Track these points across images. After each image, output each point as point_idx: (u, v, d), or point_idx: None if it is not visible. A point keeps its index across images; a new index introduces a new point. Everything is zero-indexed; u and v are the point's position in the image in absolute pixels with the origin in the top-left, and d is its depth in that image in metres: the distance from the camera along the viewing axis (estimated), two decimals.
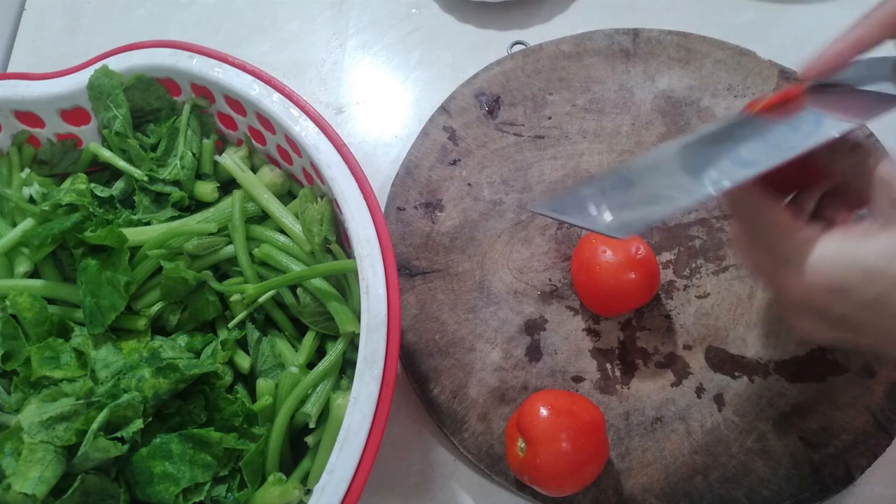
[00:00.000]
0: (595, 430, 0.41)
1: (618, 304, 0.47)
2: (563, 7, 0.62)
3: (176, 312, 0.43)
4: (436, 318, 0.49)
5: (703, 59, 0.56)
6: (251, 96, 0.43)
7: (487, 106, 0.56)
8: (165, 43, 0.45)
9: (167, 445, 0.37)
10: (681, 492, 0.43)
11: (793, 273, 0.32)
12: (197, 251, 0.44)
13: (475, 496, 0.46)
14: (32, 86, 0.45)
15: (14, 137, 0.48)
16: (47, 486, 0.35)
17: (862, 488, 0.44)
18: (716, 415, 0.45)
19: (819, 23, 0.59)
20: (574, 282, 0.49)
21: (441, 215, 0.53)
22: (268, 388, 0.42)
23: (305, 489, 0.40)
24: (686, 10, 0.61)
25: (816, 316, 0.32)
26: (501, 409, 0.47)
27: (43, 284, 0.43)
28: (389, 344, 0.36)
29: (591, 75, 0.56)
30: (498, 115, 0.56)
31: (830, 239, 0.31)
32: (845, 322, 0.32)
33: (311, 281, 0.42)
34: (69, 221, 0.41)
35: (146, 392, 0.37)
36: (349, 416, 0.35)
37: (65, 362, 0.40)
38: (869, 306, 0.30)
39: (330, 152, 0.41)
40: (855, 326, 0.32)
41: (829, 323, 0.32)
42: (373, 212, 0.39)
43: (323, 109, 0.59)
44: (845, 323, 0.32)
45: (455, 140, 0.55)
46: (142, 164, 0.46)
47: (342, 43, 0.64)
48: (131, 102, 0.46)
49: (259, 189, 0.46)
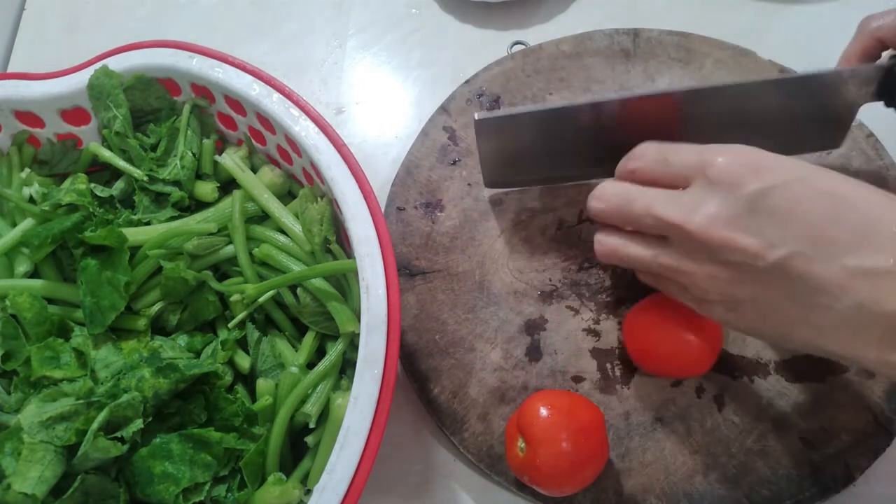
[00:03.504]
0: (595, 430, 0.41)
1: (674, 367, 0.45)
2: (563, 7, 0.62)
3: (176, 312, 0.43)
4: (436, 318, 0.49)
5: (703, 59, 0.56)
6: (251, 96, 0.43)
7: (487, 106, 0.56)
8: (165, 43, 0.45)
9: (167, 445, 0.37)
10: (681, 492, 0.43)
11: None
12: (197, 251, 0.44)
13: (475, 496, 0.46)
14: (32, 86, 0.45)
15: (14, 137, 0.48)
16: (47, 485, 0.35)
17: (862, 488, 0.44)
18: (716, 415, 0.45)
19: (819, 23, 0.59)
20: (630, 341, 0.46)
21: (441, 215, 0.53)
22: (268, 388, 0.42)
23: (305, 489, 0.40)
24: (686, 10, 0.61)
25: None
26: (501, 409, 0.46)
27: (43, 284, 0.43)
28: (389, 344, 0.36)
29: (591, 75, 0.56)
30: None
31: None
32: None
33: (311, 281, 0.42)
34: (69, 221, 0.41)
35: (146, 392, 0.37)
36: (349, 416, 0.35)
37: (65, 362, 0.40)
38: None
39: (330, 152, 0.41)
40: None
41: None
42: (373, 212, 0.39)
43: (323, 109, 0.59)
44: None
45: (455, 140, 0.55)
46: (142, 164, 0.46)
47: (342, 43, 0.64)
48: (131, 102, 0.46)
49: (259, 189, 0.46)
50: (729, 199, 0.34)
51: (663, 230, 0.37)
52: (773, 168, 0.34)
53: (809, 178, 0.33)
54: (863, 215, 0.32)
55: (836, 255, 0.32)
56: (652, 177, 0.38)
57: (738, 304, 0.36)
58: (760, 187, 0.33)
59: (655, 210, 0.36)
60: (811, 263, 0.32)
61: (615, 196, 0.39)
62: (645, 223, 0.38)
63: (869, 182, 0.34)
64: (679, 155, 0.37)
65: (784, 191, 0.33)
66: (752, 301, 0.35)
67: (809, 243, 0.32)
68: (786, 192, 0.33)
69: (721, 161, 0.34)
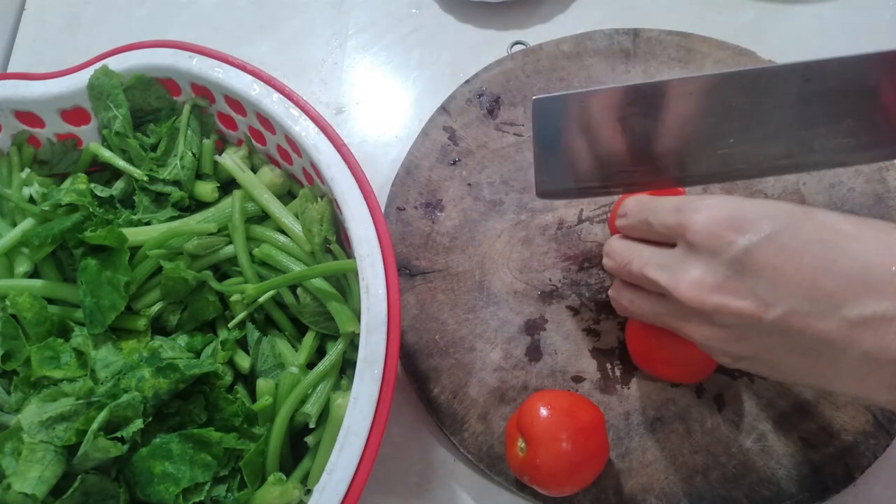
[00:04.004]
0: (595, 430, 0.41)
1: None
2: (563, 7, 0.62)
3: (176, 312, 0.43)
4: (436, 318, 0.49)
5: (703, 59, 0.56)
6: (251, 96, 0.43)
7: (487, 106, 0.56)
8: (165, 43, 0.45)
9: (167, 445, 0.37)
10: (681, 492, 0.43)
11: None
12: (197, 251, 0.44)
13: (475, 496, 0.46)
14: (32, 86, 0.45)
15: (14, 137, 0.48)
16: (47, 485, 0.35)
17: (862, 488, 0.44)
18: (716, 415, 0.45)
19: (819, 23, 0.59)
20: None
21: (441, 215, 0.53)
22: (268, 388, 0.42)
23: (305, 489, 0.40)
24: (686, 10, 0.61)
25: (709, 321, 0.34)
26: (501, 409, 0.46)
27: (43, 284, 0.43)
28: (389, 344, 0.36)
29: (591, 75, 0.56)
30: (498, 115, 0.56)
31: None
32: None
33: (311, 281, 0.42)
34: (69, 221, 0.41)
35: (146, 392, 0.37)
36: (349, 416, 0.35)
37: (65, 362, 0.40)
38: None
39: (330, 152, 0.41)
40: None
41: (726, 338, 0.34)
42: (373, 212, 0.39)
43: (323, 109, 0.59)
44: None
45: (455, 140, 0.55)
46: (142, 164, 0.46)
47: (342, 43, 0.64)
48: (131, 102, 0.46)
49: (259, 189, 0.46)
50: (712, 264, 0.32)
51: (659, 291, 0.36)
52: (754, 221, 0.32)
53: (795, 225, 0.31)
54: (856, 260, 0.30)
55: (834, 307, 0.30)
56: (641, 235, 0.38)
57: (742, 359, 0.35)
58: (744, 245, 0.31)
59: (647, 273, 0.36)
60: (810, 319, 0.30)
61: (618, 255, 0.39)
62: (643, 283, 0.37)
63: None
64: (658, 216, 0.36)
65: (770, 245, 0.31)
66: (756, 356, 0.34)
67: (805, 298, 0.30)
68: (772, 247, 0.31)
69: (698, 222, 0.33)
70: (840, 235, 0.31)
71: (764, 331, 0.32)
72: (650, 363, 0.44)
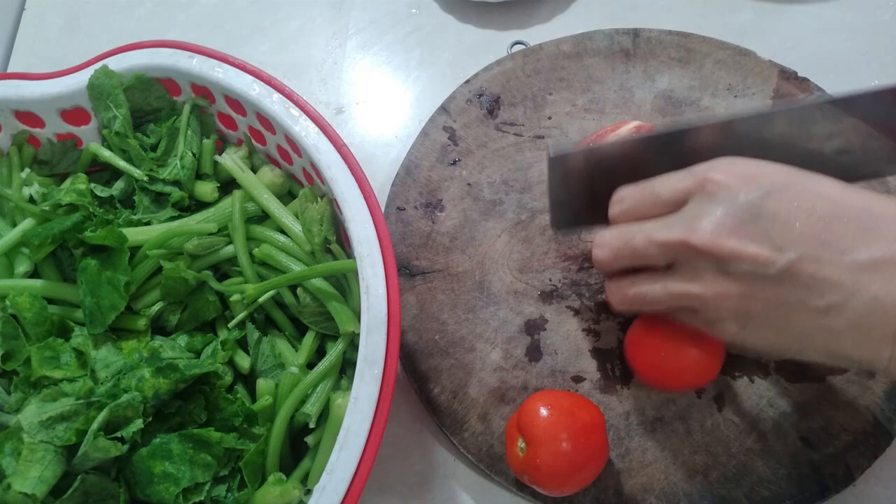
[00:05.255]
0: (595, 430, 0.41)
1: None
2: (563, 7, 0.62)
3: (176, 312, 0.43)
4: (436, 318, 0.49)
5: (703, 59, 0.56)
6: (251, 96, 0.43)
7: (487, 106, 0.56)
8: (165, 43, 0.45)
9: (167, 445, 0.37)
10: (681, 492, 0.43)
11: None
12: (197, 251, 0.44)
13: (475, 496, 0.46)
14: (32, 86, 0.45)
15: (14, 137, 0.48)
16: (47, 485, 0.35)
17: (862, 488, 0.44)
18: (716, 415, 0.45)
19: (819, 23, 0.59)
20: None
21: (441, 215, 0.53)
22: (268, 388, 0.42)
23: (305, 489, 0.40)
24: (686, 10, 0.61)
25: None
26: (501, 409, 0.47)
27: (43, 284, 0.43)
28: (389, 344, 0.36)
29: (591, 75, 0.56)
30: (498, 115, 0.56)
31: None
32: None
33: (311, 281, 0.42)
34: (69, 221, 0.41)
35: (146, 392, 0.37)
36: (349, 416, 0.35)
37: (65, 362, 0.40)
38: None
39: (330, 152, 0.41)
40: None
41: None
42: (373, 212, 0.39)
43: (323, 109, 0.59)
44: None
45: (455, 140, 0.55)
46: (142, 164, 0.46)
47: (342, 43, 0.64)
48: (131, 102, 0.46)
49: (259, 189, 0.46)
50: (731, 207, 0.34)
51: (668, 255, 0.36)
52: (768, 174, 0.34)
53: (806, 181, 0.34)
54: (864, 210, 0.33)
55: (843, 251, 0.32)
56: (641, 213, 0.38)
57: (750, 321, 0.35)
58: (761, 193, 0.33)
59: (656, 237, 0.36)
60: (820, 264, 0.32)
61: (615, 239, 0.39)
62: (649, 254, 0.37)
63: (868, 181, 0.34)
64: (667, 183, 0.37)
65: (783, 193, 0.33)
66: (765, 315, 0.34)
67: (816, 243, 0.32)
68: (785, 195, 0.33)
69: (720, 171, 0.35)
70: (847, 191, 0.34)
71: (774, 281, 0.33)
72: (654, 375, 0.43)
